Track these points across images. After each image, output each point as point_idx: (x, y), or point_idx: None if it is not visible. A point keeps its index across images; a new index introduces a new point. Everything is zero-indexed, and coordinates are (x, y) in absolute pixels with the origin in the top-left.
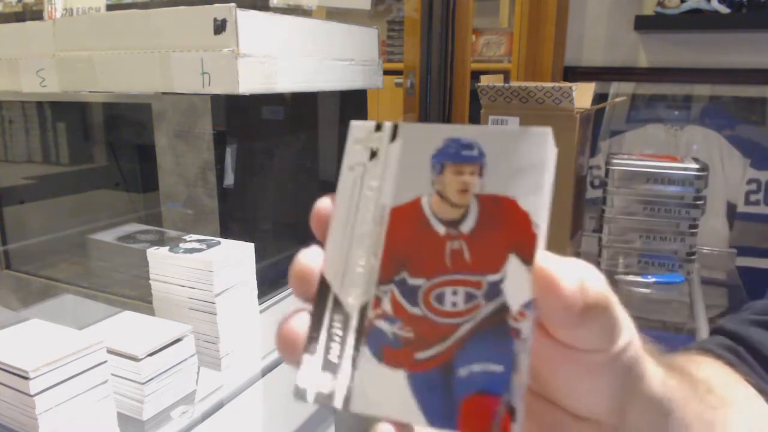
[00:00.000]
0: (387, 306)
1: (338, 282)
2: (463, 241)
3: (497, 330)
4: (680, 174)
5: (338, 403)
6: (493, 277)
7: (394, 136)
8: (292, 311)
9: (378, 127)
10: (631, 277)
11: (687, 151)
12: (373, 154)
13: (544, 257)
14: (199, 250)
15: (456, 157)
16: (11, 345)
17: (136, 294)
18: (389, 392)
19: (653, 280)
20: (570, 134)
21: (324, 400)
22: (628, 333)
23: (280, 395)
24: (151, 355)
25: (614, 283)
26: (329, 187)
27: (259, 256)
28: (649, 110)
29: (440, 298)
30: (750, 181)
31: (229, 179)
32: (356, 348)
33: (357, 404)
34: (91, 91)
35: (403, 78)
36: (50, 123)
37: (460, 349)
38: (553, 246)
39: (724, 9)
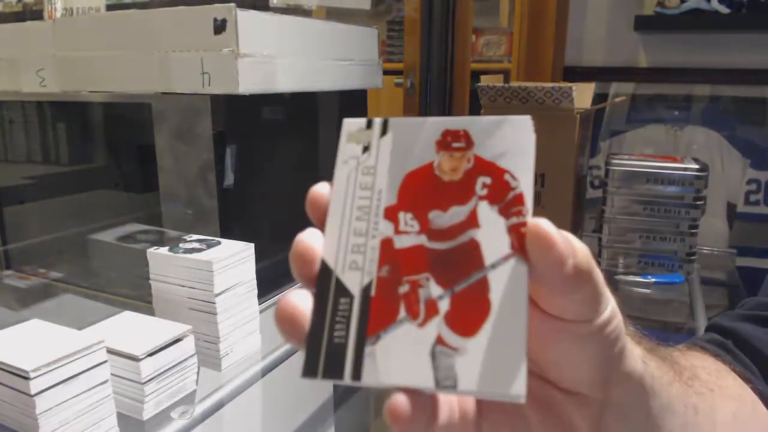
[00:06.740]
0: None
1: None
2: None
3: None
4: (680, 174)
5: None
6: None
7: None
8: (291, 290)
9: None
10: (631, 278)
11: (687, 151)
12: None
13: (537, 220)
14: (199, 250)
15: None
16: (11, 345)
17: (136, 294)
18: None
19: (653, 280)
20: (570, 134)
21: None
22: (611, 308)
23: (280, 395)
24: (151, 355)
25: (614, 283)
26: None
27: (259, 256)
28: (649, 110)
29: None
30: (750, 182)
31: (229, 179)
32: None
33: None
34: (90, 91)
35: (403, 78)
36: (50, 123)
37: None
38: None
39: (724, 9)
